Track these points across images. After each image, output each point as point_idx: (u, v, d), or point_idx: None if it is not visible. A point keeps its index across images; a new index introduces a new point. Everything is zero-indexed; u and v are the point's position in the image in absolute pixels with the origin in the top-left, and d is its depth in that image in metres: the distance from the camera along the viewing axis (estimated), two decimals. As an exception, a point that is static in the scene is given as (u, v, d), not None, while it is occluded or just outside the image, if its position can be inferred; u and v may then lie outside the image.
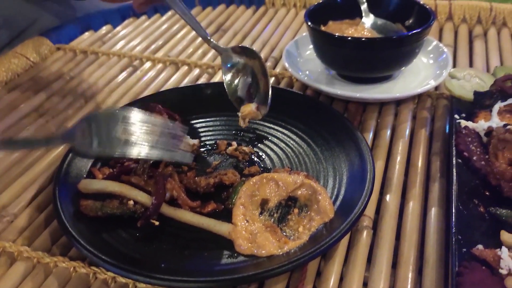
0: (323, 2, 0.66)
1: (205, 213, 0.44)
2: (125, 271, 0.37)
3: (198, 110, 0.58)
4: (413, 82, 0.61)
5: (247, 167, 0.50)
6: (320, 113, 0.55)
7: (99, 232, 0.42)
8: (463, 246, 0.38)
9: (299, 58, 0.67)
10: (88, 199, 0.43)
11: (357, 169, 0.46)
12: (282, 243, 0.40)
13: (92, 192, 0.45)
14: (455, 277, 0.35)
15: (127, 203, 0.43)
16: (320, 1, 0.65)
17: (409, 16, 0.64)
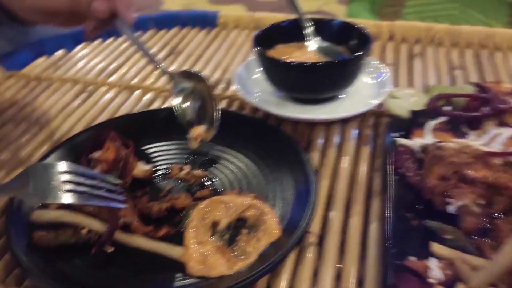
0: (270, 26, 0.69)
1: (159, 237, 0.46)
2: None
3: (151, 135, 0.59)
4: (358, 102, 0.64)
5: (198, 190, 0.52)
6: (269, 135, 0.57)
7: (53, 261, 0.43)
8: (398, 258, 0.41)
9: (249, 80, 0.69)
10: (42, 229, 0.44)
11: (303, 190, 0.49)
12: (232, 264, 0.42)
13: (45, 222, 0.45)
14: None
15: (81, 232, 0.44)
16: (266, 26, 0.68)
17: (352, 38, 0.67)
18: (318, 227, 0.48)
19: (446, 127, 0.54)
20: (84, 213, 0.46)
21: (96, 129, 0.58)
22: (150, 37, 0.90)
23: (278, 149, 0.55)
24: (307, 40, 0.69)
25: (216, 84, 0.74)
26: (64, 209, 0.46)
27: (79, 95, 0.72)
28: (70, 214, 0.45)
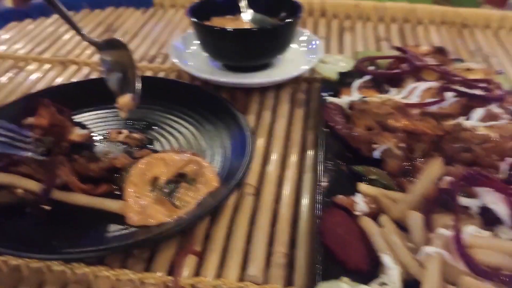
0: (203, 0, 0.70)
1: (98, 194, 0.46)
2: (14, 250, 0.38)
3: (88, 104, 0.59)
4: (290, 68, 0.67)
5: (135, 151, 0.52)
6: (206, 100, 0.59)
7: None
8: (327, 197, 0.44)
9: (186, 53, 0.70)
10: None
11: (239, 145, 0.51)
12: (171, 212, 0.44)
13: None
14: (318, 220, 0.40)
15: (16, 192, 0.44)
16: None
17: (283, 11, 0.70)
18: (256, 180, 0.51)
19: (371, 85, 0.58)
20: (18, 173, 0.45)
21: (30, 98, 0.57)
22: (84, 16, 0.89)
23: (215, 111, 0.57)
24: (241, 12, 0.71)
25: (153, 58, 0.75)
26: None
27: (9, 70, 0.70)
28: (4, 176, 0.45)
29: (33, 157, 0.47)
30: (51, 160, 0.47)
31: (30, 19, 0.87)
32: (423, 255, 0.36)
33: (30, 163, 0.46)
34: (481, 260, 0.35)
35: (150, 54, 0.76)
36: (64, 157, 0.49)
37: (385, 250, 0.38)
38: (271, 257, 0.42)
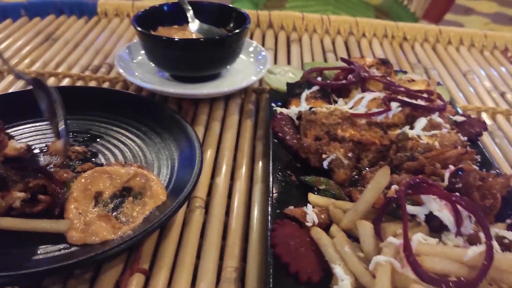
0: (150, 9, 0.69)
1: (36, 212, 0.43)
2: None
3: (24, 116, 0.56)
4: (239, 79, 0.67)
5: (77, 164, 0.50)
6: (152, 111, 0.57)
7: None
8: (278, 208, 0.43)
9: (132, 63, 0.68)
10: None
11: (188, 157, 0.50)
12: (116, 229, 0.42)
13: None
14: (269, 232, 0.40)
15: None
16: (148, 8, 0.68)
17: (230, 21, 0.70)
18: (205, 192, 0.50)
19: (318, 96, 0.59)
20: None
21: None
22: (22, 24, 0.84)
23: (162, 123, 0.55)
24: (188, 22, 0.70)
25: (97, 68, 0.72)
26: None
27: None
28: None
29: None
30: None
31: None
32: (374, 264, 0.36)
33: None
34: (429, 267, 0.35)
35: (94, 64, 0.73)
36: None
37: (337, 261, 0.38)
38: (222, 272, 0.41)
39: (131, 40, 0.82)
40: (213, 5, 0.72)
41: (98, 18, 0.89)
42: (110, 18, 0.89)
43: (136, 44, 0.71)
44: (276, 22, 0.89)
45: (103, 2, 0.90)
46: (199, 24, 0.70)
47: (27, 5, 0.88)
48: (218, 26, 0.70)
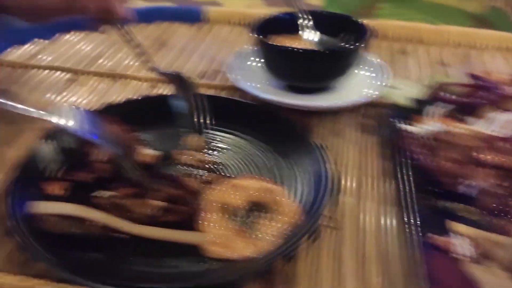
0: (266, 18, 0.68)
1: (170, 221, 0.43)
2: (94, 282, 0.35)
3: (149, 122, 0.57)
4: (357, 92, 0.64)
5: (205, 175, 0.50)
6: (271, 121, 0.56)
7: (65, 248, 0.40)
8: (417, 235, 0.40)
9: (241, 70, 0.68)
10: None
11: (314, 172, 0.48)
12: (253, 245, 0.41)
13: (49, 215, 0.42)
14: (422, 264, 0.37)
15: (89, 223, 0.41)
16: (263, 17, 0.68)
17: (347, 31, 0.68)
18: (333, 211, 0.48)
19: (448, 114, 0.55)
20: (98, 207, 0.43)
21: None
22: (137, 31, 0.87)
23: (282, 134, 0.54)
24: (302, 32, 0.69)
25: (203, 74, 0.72)
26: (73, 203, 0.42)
27: (60, 83, 0.68)
28: (72, 207, 0.42)
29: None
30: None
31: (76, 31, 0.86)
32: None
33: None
34: None
35: (200, 70, 0.73)
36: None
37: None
38: (364, 299, 0.39)
39: (234, 46, 0.82)
40: (328, 14, 0.70)
41: (202, 24, 0.90)
42: (213, 24, 0.90)
43: (244, 50, 0.71)
44: (391, 33, 0.85)
45: (208, 9, 0.91)
46: (314, 34, 0.69)
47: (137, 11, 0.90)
48: (331, 35, 0.68)
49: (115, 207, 0.43)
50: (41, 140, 0.50)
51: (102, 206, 0.44)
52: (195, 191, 0.45)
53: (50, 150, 0.49)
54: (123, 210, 0.43)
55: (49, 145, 0.50)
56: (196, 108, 0.50)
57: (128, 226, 0.42)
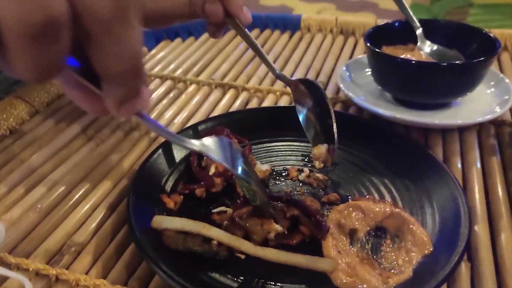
0: (379, 26, 0.65)
1: (293, 244, 0.41)
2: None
3: (262, 135, 0.55)
4: (475, 110, 0.59)
5: (324, 194, 0.47)
6: (392, 140, 0.53)
7: (183, 263, 0.39)
8: None
9: (352, 82, 0.65)
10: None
11: (447, 200, 0.44)
12: (385, 278, 0.38)
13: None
14: None
15: (211, 242, 0.40)
16: (376, 25, 0.65)
17: (466, 43, 0.63)
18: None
19: None
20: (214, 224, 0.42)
21: (209, 124, 0.55)
22: (230, 38, 0.87)
23: (406, 155, 0.50)
24: (415, 42, 0.65)
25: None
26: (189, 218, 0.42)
27: (170, 92, 0.69)
28: (192, 224, 0.41)
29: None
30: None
31: (180, 38, 0.87)
32: None
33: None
34: None
35: (307, 82, 0.71)
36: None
37: None
38: None
39: (338, 56, 0.80)
40: (447, 23, 0.66)
41: (301, 33, 0.88)
42: (313, 33, 0.88)
43: (354, 62, 0.68)
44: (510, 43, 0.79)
45: (307, 17, 0.89)
46: (429, 44, 0.65)
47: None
48: (451, 46, 0.64)
49: (233, 226, 0.42)
50: (158, 151, 0.50)
51: (220, 223, 0.43)
52: (317, 213, 0.43)
53: (166, 162, 0.49)
54: (242, 229, 0.42)
55: (165, 157, 0.50)
56: (325, 117, 0.48)
57: (250, 247, 0.40)
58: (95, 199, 0.48)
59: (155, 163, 0.49)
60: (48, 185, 0.49)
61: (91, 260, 0.41)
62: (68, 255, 0.42)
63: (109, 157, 0.54)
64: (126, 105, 0.29)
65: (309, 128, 0.50)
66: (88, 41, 0.25)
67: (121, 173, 0.52)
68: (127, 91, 0.28)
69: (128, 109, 0.29)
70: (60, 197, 0.48)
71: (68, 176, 0.50)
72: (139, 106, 0.29)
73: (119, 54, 0.26)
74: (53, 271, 0.39)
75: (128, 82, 0.27)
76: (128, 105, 0.29)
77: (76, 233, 0.44)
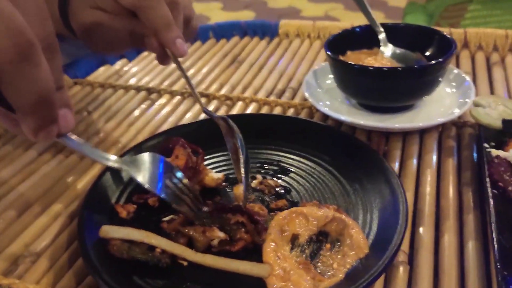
0: (341, 33, 0.66)
1: (234, 251, 0.43)
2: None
3: (219, 143, 0.57)
4: (437, 111, 0.60)
5: (273, 201, 0.49)
6: (344, 144, 0.54)
7: (127, 272, 0.41)
8: (503, 277, 0.36)
9: (319, 89, 0.66)
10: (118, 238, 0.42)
11: (388, 202, 0.45)
12: (317, 281, 0.39)
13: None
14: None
15: (155, 250, 0.42)
16: (338, 32, 0.65)
17: (428, 45, 0.64)
18: (407, 244, 0.44)
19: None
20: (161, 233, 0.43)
21: (164, 135, 0.56)
22: (210, 46, 0.89)
23: (355, 158, 0.52)
24: (379, 46, 0.66)
25: (281, 92, 0.72)
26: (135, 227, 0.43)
27: (143, 102, 0.71)
28: (138, 233, 0.42)
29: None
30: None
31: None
32: None
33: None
34: None
35: (278, 88, 0.73)
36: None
37: None
38: None
39: (312, 61, 0.81)
40: (409, 27, 0.66)
41: (279, 39, 0.90)
42: (291, 39, 0.89)
43: (322, 68, 0.69)
44: (473, 42, 0.79)
45: (285, 22, 0.90)
46: (392, 48, 0.65)
47: (215, 27, 0.92)
48: (414, 49, 0.64)
49: (177, 234, 0.44)
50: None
51: (165, 231, 0.44)
52: (259, 219, 0.44)
53: (119, 176, 0.51)
54: (185, 237, 0.43)
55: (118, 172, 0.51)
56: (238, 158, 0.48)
57: (190, 254, 0.42)
58: (54, 211, 0.50)
59: (111, 176, 0.50)
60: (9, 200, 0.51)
61: (44, 270, 0.43)
62: (23, 265, 0.44)
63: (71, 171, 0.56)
64: (41, 132, 0.30)
65: (234, 162, 0.50)
66: None
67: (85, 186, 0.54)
68: (39, 120, 0.30)
69: (44, 135, 0.31)
70: (19, 211, 0.50)
71: (28, 193, 0.52)
72: (57, 131, 0.31)
73: (26, 90, 0.28)
74: (5, 281, 0.41)
75: (39, 113, 0.29)
76: (43, 133, 0.30)
77: (33, 244, 0.46)
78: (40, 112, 0.29)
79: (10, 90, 0.28)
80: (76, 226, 0.47)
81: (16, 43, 0.26)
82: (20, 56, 0.26)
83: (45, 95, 0.29)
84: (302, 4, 3.38)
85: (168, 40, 0.49)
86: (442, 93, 0.63)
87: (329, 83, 0.67)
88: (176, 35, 0.50)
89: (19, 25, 0.26)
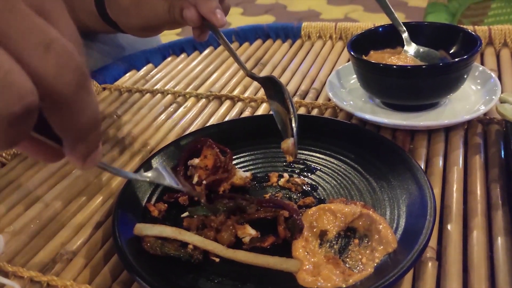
0: (364, 32, 0.66)
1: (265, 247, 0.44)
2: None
3: (246, 143, 0.58)
4: (462, 109, 0.60)
5: (301, 198, 0.49)
6: (369, 142, 0.54)
7: (161, 268, 0.42)
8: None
9: (342, 89, 0.67)
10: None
11: (416, 198, 0.46)
12: (346, 276, 0.39)
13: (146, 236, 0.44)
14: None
15: (188, 246, 0.43)
16: (361, 32, 0.66)
17: (452, 43, 0.63)
18: (435, 240, 0.44)
19: None
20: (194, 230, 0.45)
21: (192, 136, 0.58)
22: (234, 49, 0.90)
23: (381, 155, 0.52)
24: (402, 45, 0.66)
25: (305, 93, 0.72)
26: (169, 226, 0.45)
27: (170, 106, 0.72)
28: (170, 230, 0.44)
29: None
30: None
31: (185, 54, 0.91)
32: None
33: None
34: None
35: (301, 89, 0.73)
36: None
37: None
38: None
39: (335, 62, 0.81)
40: (433, 25, 0.66)
41: (302, 41, 0.90)
42: (313, 40, 0.90)
43: (345, 68, 0.70)
44: (497, 38, 0.78)
45: (307, 24, 0.91)
46: (416, 47, 0.65)
47: (238, 31, 0.93)
48: (437, 47, 0.64)
49: (208, 230, 0.45)
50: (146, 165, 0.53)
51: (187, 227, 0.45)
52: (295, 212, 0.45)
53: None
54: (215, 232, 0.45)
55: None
56: (288, 112, 0.49)
57: (222, 250, 0.43)
58: (89, 210, 0.52)
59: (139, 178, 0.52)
60: (45, 202, 0.53)
61: (80, 267, 0.45)
62: (60, 263, 0.46)
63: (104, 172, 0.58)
64: (89, 159, 0.31)
65: (279, 122, 0.51)
66: (51, 111, 0.27)
67: (117, 186, 0.55)
68: (89, 146, 0.30)
69: (91, 162, 0.31)
70: (56, 212, 0.52)
71: (63, 194, 0.54)
72: (100, 157, 0.32)
73: (83, 118, 0.28)
74: (44, 278, 0.43)
75: (90, 138, 0.30)
76: (91, 159, 0.31)
77: (69, 243, 0.48)
78: (91, 137, 0.30)
79: (67, 121, 0.28)
80: (110, 225, 0.49)
81: (76, 75, 0.26)
82: (80, 87, 0.27)
83: (97, 118, 0.29)
84: (322, 6, 3.38)
85: (208, 10, 0.51)
86: (467, 91, 0.62)
87: (352, 83, 0.68)
88: (216, 5, 0.51)
89: (77, 59, 0.27)
